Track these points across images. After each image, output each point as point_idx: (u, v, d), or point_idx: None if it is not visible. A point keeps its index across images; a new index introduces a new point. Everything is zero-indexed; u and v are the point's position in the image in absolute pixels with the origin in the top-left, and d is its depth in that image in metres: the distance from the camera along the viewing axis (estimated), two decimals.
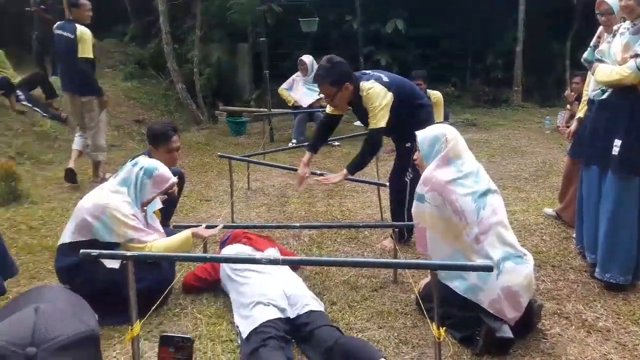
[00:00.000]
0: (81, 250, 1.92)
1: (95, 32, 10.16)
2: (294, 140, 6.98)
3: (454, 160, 2.39)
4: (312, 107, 6.97)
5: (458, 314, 2.32)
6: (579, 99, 6.66)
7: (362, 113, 3.35)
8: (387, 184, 3.88)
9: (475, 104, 10.05)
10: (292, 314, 2.37)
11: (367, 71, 3.44)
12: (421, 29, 10.34)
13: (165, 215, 3.73)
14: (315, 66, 7.08)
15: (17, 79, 6.79)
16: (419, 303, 2.58)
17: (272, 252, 2.89)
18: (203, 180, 5.25)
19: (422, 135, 2.51)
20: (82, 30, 4.76)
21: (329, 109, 3.56)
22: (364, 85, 3.23)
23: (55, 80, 6.83)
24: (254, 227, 3.58)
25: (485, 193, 2.33)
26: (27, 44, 8.66)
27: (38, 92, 7.01)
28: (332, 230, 3.79)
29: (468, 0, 9.70)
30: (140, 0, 10.46)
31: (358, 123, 8.38)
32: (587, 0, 9.90)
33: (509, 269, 2.22)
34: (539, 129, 7.78)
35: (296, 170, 4.24)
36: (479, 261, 2.16)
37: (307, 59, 7.05)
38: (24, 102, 6.59)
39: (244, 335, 2.25)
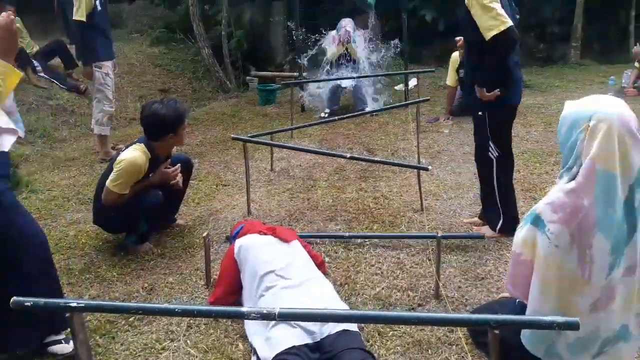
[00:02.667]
0: None
1: None
2: (327, 110, 6.34)
3: (605, 173, 1.47)
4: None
5: None
6: None
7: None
8: (429, 167, 3.29)
9: (527, 62, 8.95)
10: (321, 334, 1.91)
11: None
12: None
13: (171, 207, 3.27)
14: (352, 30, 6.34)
15: (34, 48, 6.43)
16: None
17: (298, 247, 2.44)
18: (223, 160, 4.73)
19: (566, 110, 1.61)
20: None
21: None
22: None
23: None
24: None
25: (627, 240, 1.51)
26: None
27: (57, 61, 6.64)
28: (364, 223, 3.21)
29: None
30: None
31: (399, 87, 7.59)
32: None
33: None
34: (601, 90, 6.75)
35: (323, 153, 3.67)
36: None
37: (350, 25, 6.26)
38: (41, 74, 6.24)
39: None
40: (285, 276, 2.17)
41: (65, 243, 3.14)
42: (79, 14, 4.28)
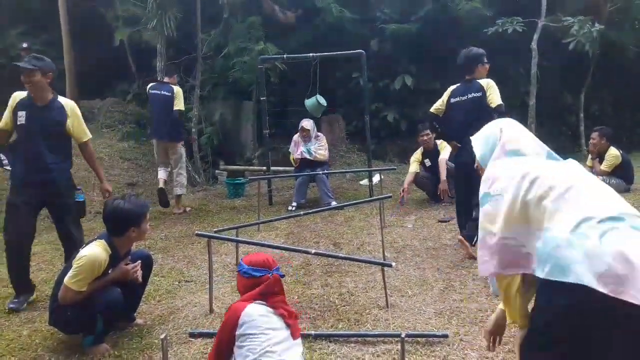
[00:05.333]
0: None
1: (98, 90, 10.05)
2: (294, 204, 6.46)
3: (513, 150, 1.89)
4: (314, 169, 6.51)
5: None
6: (599, 156, 6.26)
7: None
8: (393, 263, 3.34)
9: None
10: None
11: None
12: (430, 84, 10.04)
13: (130, 306, 3.16)
14: (315, 131, 6.70)
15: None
16: None
17: (301, 346, 2.33)
18: (187, 255, 4.67)
19: (475, 137, 2.11)
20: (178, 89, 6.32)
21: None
22: None
23: None
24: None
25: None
26: None
27: None
28: (329, 321, 3.16)
29: None
30: (144, 58, 10.37)
31: (364, 182, 7.87)
32: (603, 51, 9.91)
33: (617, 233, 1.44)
34: None
35: (287, 249, 3.72)
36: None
37: (309, 124, 6.61)
38: (7, 167, 6.19)
39: None
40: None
41: (17, 344, 2.96)
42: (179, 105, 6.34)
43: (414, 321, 3.14)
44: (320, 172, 6.32)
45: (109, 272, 2.85)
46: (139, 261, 2.98)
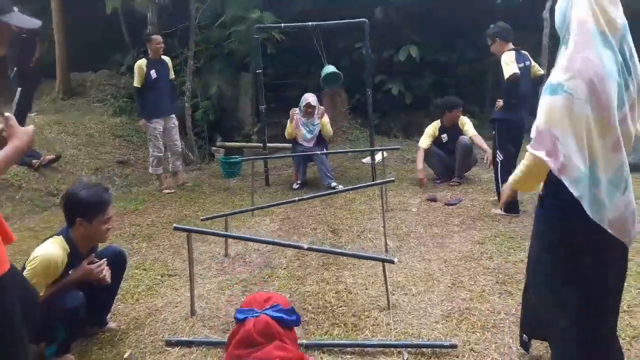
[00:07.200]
0: None
1: (91, 62, 9.62)
2: (298, 182, 6.11)
3: (604, 32, 1.71)
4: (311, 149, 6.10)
5: None
6: None
7: None
8: (395, 260, 2.99)
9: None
10: None
11: None
12: (437, 55, 9.51)
13: (100, 309, 2.84)
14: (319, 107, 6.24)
15: None
16: None
17: None
18: (174, 244, 4.33)
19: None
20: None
21: None
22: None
23: None
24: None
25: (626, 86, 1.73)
26: None
27: None
28: (323, 327, 2.83)
29: (488, 21, 8.83)
30: (139, 28, 9.87)
31: (366, 160, 7.46)
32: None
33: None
34: None
35: (277, 244, 3.36)
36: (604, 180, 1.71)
37: (314, 100, 6.10)
38: None
39: None
40: None
41: None
42: (135, 81, 6.02)
43: (419, 326, 2.80)
44: (319, 153, 5.91)
45: (70, 272, 2.51)
46: (104, 259, 2.62)
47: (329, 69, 6.17)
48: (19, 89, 6.35)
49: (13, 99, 6.34)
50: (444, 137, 6.00)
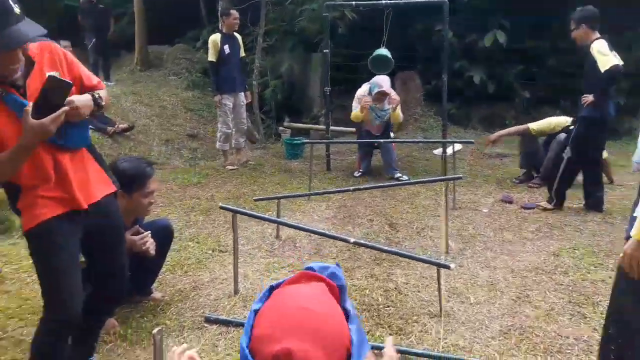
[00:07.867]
0: None
1: (168, 37, 9.87)
2: (361, 170, 5.88)
3: None
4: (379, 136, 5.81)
5: None
6: None
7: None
8: (452, 265, 2.72)
9: None
10: None
11: None
12: (526, 43, 8.75)
13: (146, 278, 2.84)
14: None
15: None
16: None
17: None
18: (229, 221, 4.25)
19: None
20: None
21: None
22: None
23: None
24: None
25: None
26: None
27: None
28: (366, 326, 2.63)
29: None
30: (215, 4, 9.98)
31: (438, 152, 7.05)
32: None
33: None
34: None
35: (323, 234, 3.15)
36: None
37: (386, 84, 5.65)
38: None
39: None
40: None
41: (29, 306, 2.82)
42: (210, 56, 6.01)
43: (471, 339, 2.52)
44: (385, 141, 5.62)
45: None
46: (149, 232, 2.59)
47: (381, 51, 5.79)
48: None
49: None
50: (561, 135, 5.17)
